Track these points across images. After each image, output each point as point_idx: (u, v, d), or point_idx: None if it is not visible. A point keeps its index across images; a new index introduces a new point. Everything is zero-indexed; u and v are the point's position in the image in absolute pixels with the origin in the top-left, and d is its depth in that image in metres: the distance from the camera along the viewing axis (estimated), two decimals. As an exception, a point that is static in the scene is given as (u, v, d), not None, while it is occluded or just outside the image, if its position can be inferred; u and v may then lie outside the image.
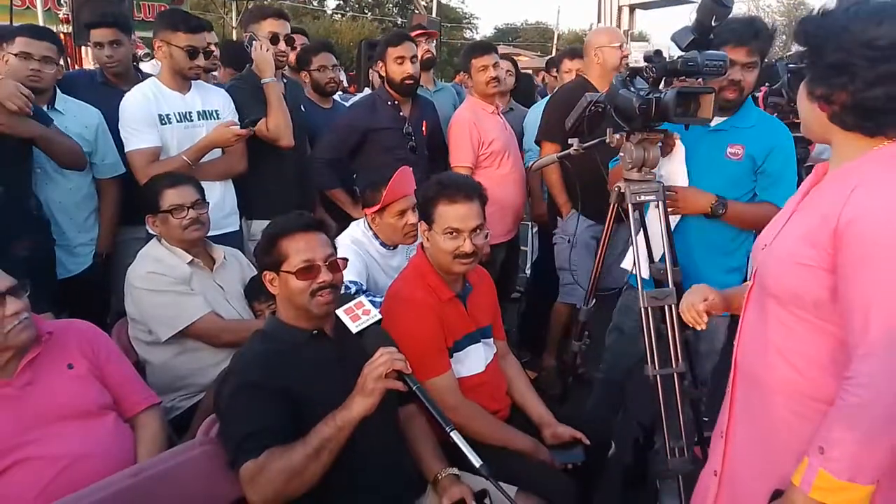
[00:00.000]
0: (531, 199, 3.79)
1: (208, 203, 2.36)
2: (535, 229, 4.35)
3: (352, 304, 1.57)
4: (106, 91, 2.96)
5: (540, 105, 3.64)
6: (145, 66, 3.57)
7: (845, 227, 1.13)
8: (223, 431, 1.55)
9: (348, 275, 2.08)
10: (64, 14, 5.44)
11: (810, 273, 1.19)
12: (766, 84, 2.82)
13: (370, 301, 1.61)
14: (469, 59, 3.28)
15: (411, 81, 3.02)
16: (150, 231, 2.35)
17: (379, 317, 1.56)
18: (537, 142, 3.26)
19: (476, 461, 1.44)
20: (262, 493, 1.43)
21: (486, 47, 3.43)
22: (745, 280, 1.97)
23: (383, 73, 3.07)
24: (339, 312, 1.56)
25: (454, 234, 1.91)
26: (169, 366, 2.20)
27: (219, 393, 1.60)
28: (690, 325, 1.68)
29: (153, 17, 7.29)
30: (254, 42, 2.81)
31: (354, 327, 1.54)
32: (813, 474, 1.12)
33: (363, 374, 1.48)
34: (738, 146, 2.19)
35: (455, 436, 1.46)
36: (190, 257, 2.27)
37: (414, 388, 1.49)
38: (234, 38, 8.00)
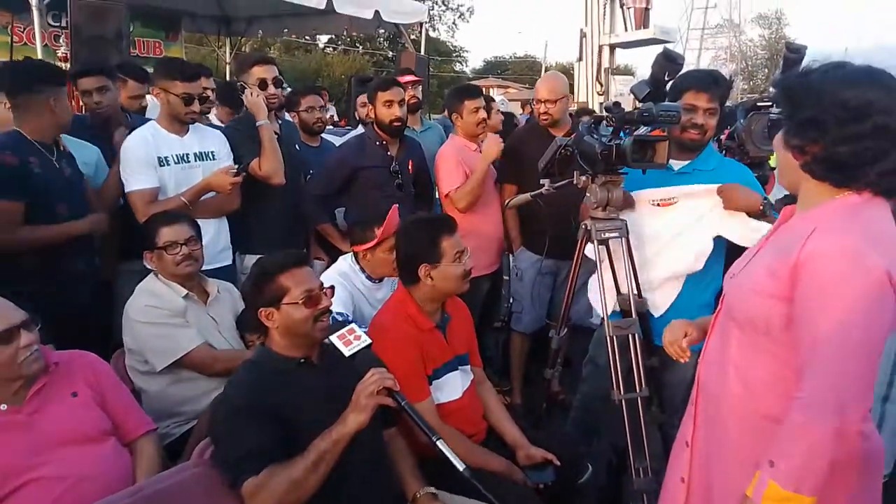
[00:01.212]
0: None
1: (202, 239, 2.50)
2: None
3: (344, 330, 1.73)
4: (95, 135, 3.06)
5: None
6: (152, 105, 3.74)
7: (803, 263, 1.27)
8: (220, 454, 1.67)
9: (336, 306, 2.22)
10: (62, 53, 5.61)
11: (768, 301, 1.33)
12: (728, 128, 3.03)
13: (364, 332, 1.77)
14: (462, 101, 3.41)
15: (399, 124, 3.20)
16: (147, 266, 2.50)
17: (369, 341, 1.72)
18: (498, 182, 3.46)
19: (460, 465, 1.60)
20: None
21: (475, 91, 3.66)
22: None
23: (372, 115, 3.25)
24: (333, 338, 1.71)
25: (460, 256, 2.14)
26: (163, 394, 2.31)
27: (213, 418, 1.73)
28: (675, 359, 1.78)
29: (148, 54, 7.52)
30: (245, 89, 3.00)
31: (347, 351, 1.69)
32: (763, 486, 1.24)
33: (357, 392, 1.63)
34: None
35: (441, 444, 1.62)
36: (185, 291, 2.39)
37: (402, 405, 1.65)
38: (228, 72, 8.20)
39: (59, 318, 2.11)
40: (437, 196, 3.61)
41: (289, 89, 3.89)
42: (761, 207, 2.22)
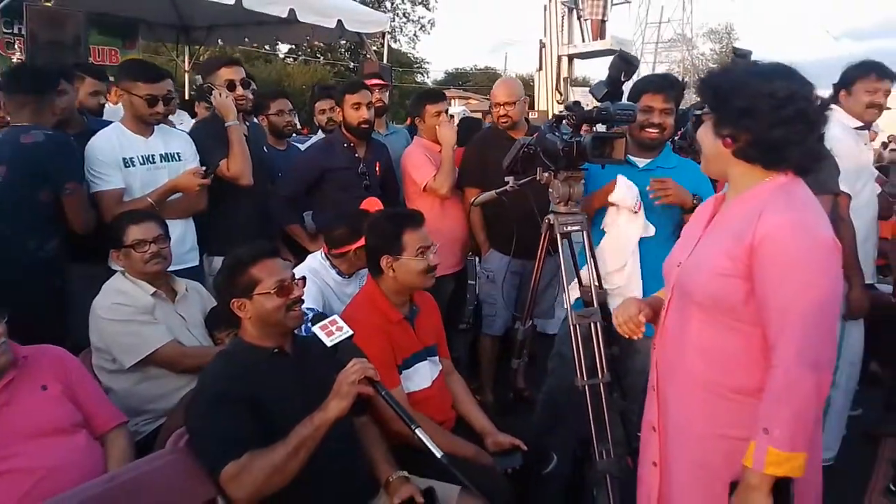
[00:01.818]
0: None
1: (170, 238, 2.51)
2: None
3: (326, 321, 1.78)
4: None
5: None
6: (108, 110, 3.70)
7: (760, 242, 1.39)
8: (199, 442, 1.69)
9: (307, 301, 2.26)
10: (18, 58, 5.50)
11: (728, 281, 1.44)
12: (681, 129, 3.19)
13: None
14: (423, 105, 3.52)
15: (367, 126, 3.26)
16: (114, 266, 2.49)
17: (351, 332, 1.77)
18: (459, 187, 3.47)
19: (438, 452, 1.65)
20: (245, 488, 1.60)
21: (438, 95, 3.75)
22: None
23: (339, 118, 3.30)
24: (316, 328, 1.76)
25: (424, 251, 2.18)
26: (132, 392, 2.31)
27: (190, 407, 1.75)
28: (628, 337, 1.76)
29: (104, 61, 7.39)
30: (213, 90, 3.02)
31: (329, 342, 1.74)
32: (763, 453, 1.33)
33: (339, 380, 1.67)
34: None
35: (420, 432, 1.67)
36: (153, 289, 2.40)
37: (382, 394, 1.70)
38: (188, 81, 8.12)
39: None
40: (402, 198, 3.67)
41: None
42: (694, 203, 2.41)
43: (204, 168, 2.81)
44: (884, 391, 3.57)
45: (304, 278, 1.95)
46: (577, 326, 2.29)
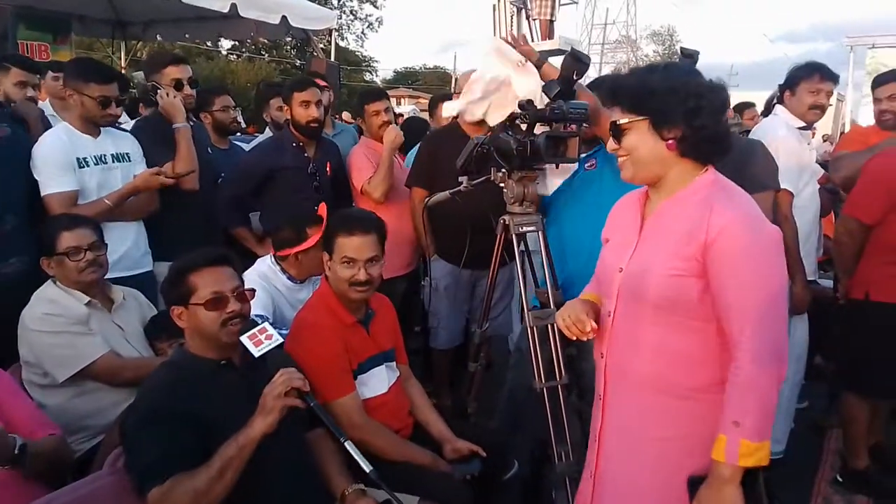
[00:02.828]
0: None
1: (106, 245, 2.37)
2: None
3: (255, 329, 1.69)
4: None
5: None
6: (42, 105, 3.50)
7: (714, 239, 1.39)
8: (130, 460, 1.59)
9: (255, 308, 2.16)
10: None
11: (683, 281, 1.44)
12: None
13: (277, 332, 1.72)
14: (362, 105, 3.46)
15: (316, 124, 3.16)
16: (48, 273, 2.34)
17: (280, 340, 1.69)
18: (408, 185, 3.31)
19: (367, 467, 1.58)
20: None
21: (378, 93, 3.67)
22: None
23: (288, 116, 3.19)
24: (243, 338, 1.66)
25: (350, 263, 2.07)
26: (66, 408, 2.18)
27: (125, 423, 1.64)
28: (576, 339, 1.66)
29: (34, 58, 7.02)
30: (158, 90, 2.88)
31: (257, 352, 1.65)
32: (736, 446, 1.35)
33: (264, 394, 1.59)
34: (592, 160, 2.46)
35: (348, 445, 1.61)
36: (87, 298, 2.27)
37: (311, 405, 1.62)
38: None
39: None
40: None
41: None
42: None
43: (162, 169, 2.71)
44: (828, 384, 3.69)
45: (253, 290, 1.85)
46: (535, 328, 2.26)
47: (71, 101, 2.66)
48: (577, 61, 2.14)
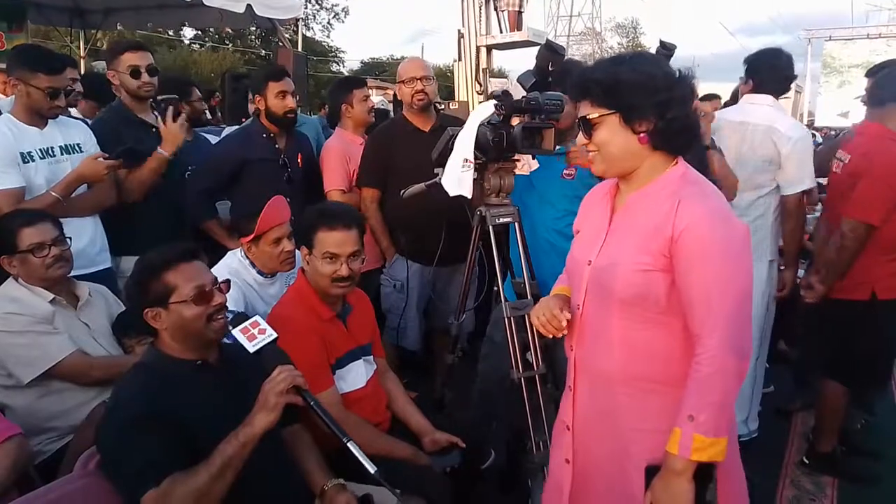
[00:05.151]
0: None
1: (69, 239, 2.29)
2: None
3: (247, 323, 1.63)
4: None
5: None
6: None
7: (680, 234, 1.39)
8: (115, 468, 1.53)
9: (227, 304, 2.12)
10: None
11: (650, 276, 1.44)
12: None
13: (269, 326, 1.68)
14: (351, 90, 3.40)
15: (293, 115, 3.12)
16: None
17: (275, 335, 1.63)
18: (358, 186, 3.25)
19: (371, 467, 1.55)
20: None
21: (362, 80, 3.64)
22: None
23: (262, 107, 3.12)
24: (236, 332, 1.61)
25: (332, 258, 2.04)
26: (32, 409, 2.11)
27: (104, 429, 1.58)
28: (551, 336, 1.66)
29: (-10, 45, 6.75)
30: (167, 110, 2.79)
31: (251, 347, 1.60)
32: (689, 440, 1.34)
33: (264, 391, 1.55)
34: (571, 169, 2.50)
35: (352, 446, 1.56)
36: (51, 296, 2.20)
37: (311, 403, 1.59)
38: (83, 67, 7.53)
39: None
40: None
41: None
42: None
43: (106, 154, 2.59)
44: (793, 368, 3.79)
45: (227, 282, 1.80)
46: (511, 319, 2.27)
47: (16, 91, 2.51)
48: (552, 52, 2.14)
